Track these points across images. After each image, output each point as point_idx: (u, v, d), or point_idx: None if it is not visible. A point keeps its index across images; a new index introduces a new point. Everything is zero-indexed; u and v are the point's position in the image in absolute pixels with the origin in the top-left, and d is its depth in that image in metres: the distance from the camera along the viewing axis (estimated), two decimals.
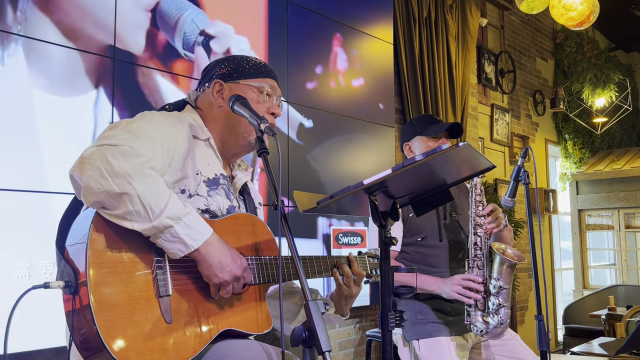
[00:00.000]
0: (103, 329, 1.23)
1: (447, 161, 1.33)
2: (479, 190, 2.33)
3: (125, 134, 1.34)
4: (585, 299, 6.27)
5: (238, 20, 3.06)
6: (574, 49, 7.05)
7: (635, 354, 3.07)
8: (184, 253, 1.33)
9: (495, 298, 2.19)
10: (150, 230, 1.29)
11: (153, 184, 1.29)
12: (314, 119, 3.47)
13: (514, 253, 2.23)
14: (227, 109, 1.56)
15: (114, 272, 1.28)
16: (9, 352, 2.09)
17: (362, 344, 3.85)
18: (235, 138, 1.60)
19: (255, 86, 1.60)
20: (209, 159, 1.56)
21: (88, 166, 1.27)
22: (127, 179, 1.26)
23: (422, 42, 4.35)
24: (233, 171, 1.68)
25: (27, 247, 2.16)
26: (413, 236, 2.42)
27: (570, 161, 7.15)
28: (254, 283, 1.48)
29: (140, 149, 1.32)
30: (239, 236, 1.51)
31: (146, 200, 1.27)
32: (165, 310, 1.33)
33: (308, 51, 3.48)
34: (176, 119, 1.51)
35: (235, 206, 1.58)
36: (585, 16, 4.31)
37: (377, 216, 1.40)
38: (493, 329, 2.19)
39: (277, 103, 1.63)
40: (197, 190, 1.49)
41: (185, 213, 1.32)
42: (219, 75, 1.61)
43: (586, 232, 7.25)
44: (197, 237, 1.33)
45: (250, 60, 1.64)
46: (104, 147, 1.28)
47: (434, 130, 2.45)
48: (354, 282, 1.69)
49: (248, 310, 1.49)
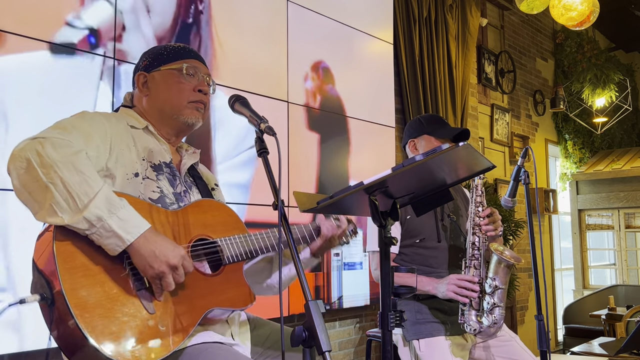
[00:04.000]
0: (89, 332, 1.22)
1: (447, 161, 1.33)
2: (480, 191, 2.33)
3: (57, 129, 1.35)
4: (585, 299, 6.27)
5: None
6: (574, 49, 7.05)
7: (635, 354, 3.07)
8: (121, 248, 1.30)
9: (491, 297, 2.19)
10: (81, 222, 1.26)
11: (82, 173, 1.28)
12: (313, 119, 3.47)
13: (511, 254, 2.24)
14: (153, 96, 1.61)
15: (87, 274, 1.27)
16: (9, 352, 2.10)
17: (362, 344, 3.85)
18: (168, 121, 1.62)
19: (175, 68, 1.61)
20: (151, 145, 1.57)
21: (18, 159, 1.27)
22: (55, 168, 1.25)
23: (422, 42, 4.35)
24: (181, 155, 1.68)
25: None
26: (411, 238, 2.42)
27: (570, 161, 7.15)
28: (230, 262, 1.50)
29: (72, 140, 1.32)
30: (205, 222, 1.52)
31: (72, 188, 1.25)
32: (146, 302, 1.33)
33: (308, 51, 3.48)
34: (108, 113, 1.57)
35: (181, 191, 1.58)
36: (585, 16, 4.31)
37: (377, 216, 1.40)
38: (486, 329, 2.19)
39: (203, 80, 1.64)
40: (146, 174, 1.51)
41: (119, 206, 1.29)
42: (141, 67, 1.65)
43: (586, 232, 7.25)
44: (133, 229, 1.30)
45: (169, 46, 1.67)
46: (34, 141, 1.29)
47: (443, 133, 2.46)
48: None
49: (229, 288, 1.51)
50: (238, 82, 3.03)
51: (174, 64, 1.62)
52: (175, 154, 1.67)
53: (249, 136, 3.04)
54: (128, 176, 1.47)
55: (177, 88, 1.60)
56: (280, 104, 3.27)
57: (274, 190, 1.36)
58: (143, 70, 1.64)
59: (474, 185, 2.35)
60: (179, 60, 1.63)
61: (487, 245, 2.29)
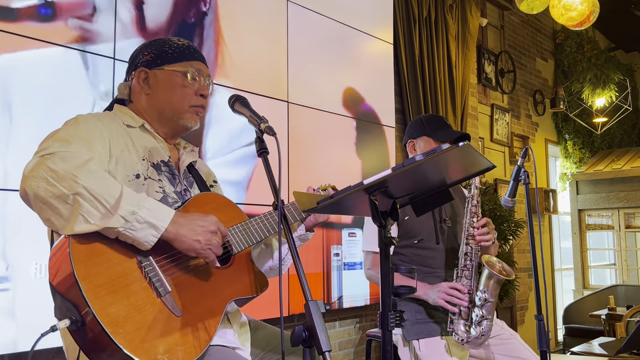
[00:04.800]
0: (127, 346, 1.24)
1: (447, 161, 1.33)
2: (475, 201, 2.34)
3: (57, 142, 1.34)
4: (585, 299, 6.27)
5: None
6: (574, 49, 7.04)
7: (635, 354, 3.07)
8: (156, 237, 1.32)
9: (480, 310, 2.20)
10: (117, 221, 1.28)
11: (100, 179, 1.29)
12: (313, 119, 3.47)
13: (503, 268, 2.25)
14: (154, 95, 1.59)
15: (111, 291, 1.29)
16: (9, 352, 2.10)
17: (362, 344, 3.85)
18: (166, 122, 1.61)
19: (180, 71, 1.59)
20: (149, 144, 1.57)
21: (32, 179, 1.27)
22: (74, 179, 1.26)
23: (422, 42, 4.35)
24: (180, 152, 1.68)
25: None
26: (409, 238, 2.42)
27: (570, 161, 7.15)
28: (239, 251, 1.53)
29: (77, 151, 1.32)
30: (206, 213, 1.53)
31: (98, 193, 1.27)
32: (171, 306, 1.35)
33: (308, 51, 3.48)
34: (102, 114, 1.55)
35: (182, 190, 1.59)
36: (585, 16, 4.31)
37: (377, 216, 1.40)
38: (474, 339, 2.21)
39: (205, 84, 1.63)
40: (148, 174, 1.51)
41: (143, 198, 1.32)
42: (143, 62, 1.61)
43: (586, 232, 7.25)
44: (163, 216, 1.33)
45: (173, 44, 1.63)
46: (42, 158, 1.29)
47: (443, 136, 2.46)
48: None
49: (243, 276, 1.54)
50: (238, 82, 3.03)
51: (178, 66, 1.59)
52: (173, 150, 1.67)
53: (244, 133, 3.03)
54: (129, 178, 1.46)
55: (180, 92, 1.58)
56: (280, 104, 3.27)
57: (274, 190, 1.36)
58: (144, 66, 1.60)
59: (469, 196, 2.35)
60: (184, 62, 1.60)
61: (479, 257, 2.30)
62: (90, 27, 2.45)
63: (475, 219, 2.32)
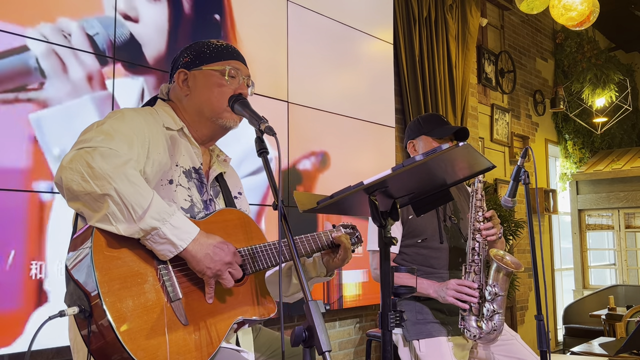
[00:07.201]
0: (128, 343, 1.24)
1: (447, 161, 1.33)
2: (480, 195, 2.32)
3: (100, 135, 1.35)
4: (585, 299, 6.27)
5: None
6: (574, 49, 7.04)
7: (635, 354, 3.07)
8: (173, 254, 1.34)
9: (490, 304, 2.19)
10: (137, 232, 1.30)
11: (135, 184, 1.30)
12: (313, 119, 3.47)
13: (512, 260, 2.24)
14: (193, 96, 1.59)
15: (124, 287, 1.30)
16: (9, 352, 2.10)
17: (362, 344, 3.85)
18: (206, 123, 1.61)
19: (218, 69, 1.60)
20: (184, 150, 1.57)
21: (69, 171, 1.29)
22: (108, 179, 1.27)
23: (422, 42, 4.35)
24: (212, 160, 1.69)
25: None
26: (413, 238, 2.41)
27: (570, 161, 7.15)
28: (251, 272, 1.52)
29: (118, 149, 1.33)
30: (227, 230, 1.54)
31: (128, 200, 1.28)
32: (179, 313, 1.36)
33: (308, 51, 3.48)
34: (146, 112, 1.54)
35: (208, 199, 1.59)
36: (585, 16, 4.31)
37: (377, 216, 1.40)
38: (486, 335, 2.20)
39: (243, 82, 1.63)
40: (179, 181, 1.51)
41: (170, 213, 1.33)
42: (182, 64, 1.63)
43: (586, 232, 7.25)
44: (185, 236, 1.34)
45: (212, 44, 1.64)
46: (82, 151, 1.30)
47: (440, 132, 2.45)
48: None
49: (253, 298, 1.54)
50: None
51: (216, 65, 1.60)
52: (206, 155, 1.67)
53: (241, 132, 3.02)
54: (162, 182, 1.48)
55: (218, 90, 1.58)
56: (280, 104, 3.27)
57: (274, 190, 1.36)
58: (184, 67, 1.62)
59: (473, 189, 2.33)
60: (222, 61, 1.61)
61: (487, 251, 2.29)
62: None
63: (481, 213, 2.31)
